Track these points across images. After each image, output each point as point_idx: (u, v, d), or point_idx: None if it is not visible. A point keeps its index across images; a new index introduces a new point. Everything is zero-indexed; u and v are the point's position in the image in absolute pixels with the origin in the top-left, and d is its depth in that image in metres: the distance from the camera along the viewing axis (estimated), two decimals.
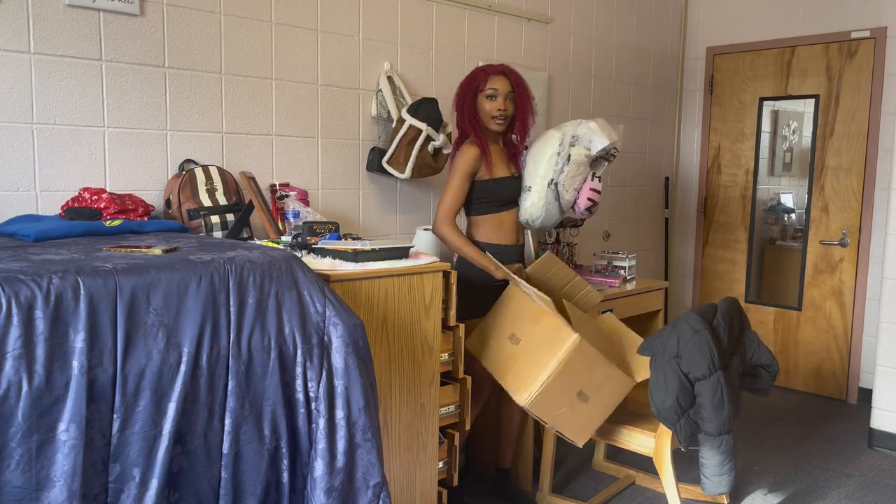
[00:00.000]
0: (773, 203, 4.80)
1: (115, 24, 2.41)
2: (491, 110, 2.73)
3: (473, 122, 2.74)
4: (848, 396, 4.40)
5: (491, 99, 2.73)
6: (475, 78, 2.75)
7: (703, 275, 5.02)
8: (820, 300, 4.48)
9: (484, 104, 2.74)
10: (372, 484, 1.73)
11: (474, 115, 2.75)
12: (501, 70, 2.76)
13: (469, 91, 2.75)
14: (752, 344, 2.82)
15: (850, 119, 4.29)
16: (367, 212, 3.20)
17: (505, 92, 2.74)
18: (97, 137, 2.42)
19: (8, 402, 1.32)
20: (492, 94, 2.73)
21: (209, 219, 2.44)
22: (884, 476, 3.35)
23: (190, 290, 1.55)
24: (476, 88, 2.74)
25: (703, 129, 4.93)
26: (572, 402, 2.43)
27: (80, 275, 1.43)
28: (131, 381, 1.45)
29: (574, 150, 2.80)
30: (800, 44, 4.45)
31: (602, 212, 4.46)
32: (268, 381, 1.64)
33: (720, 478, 2.64)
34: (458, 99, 2.79)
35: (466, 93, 2.75)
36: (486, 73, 2.74)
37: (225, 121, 2.73)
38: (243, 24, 2.73)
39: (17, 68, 2.24)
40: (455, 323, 2.46)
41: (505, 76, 2.75)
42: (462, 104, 2.76)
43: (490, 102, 2.73)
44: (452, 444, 2.53)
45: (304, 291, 1.72)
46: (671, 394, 2.50)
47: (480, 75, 2.75)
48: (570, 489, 3.15)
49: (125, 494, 1.45)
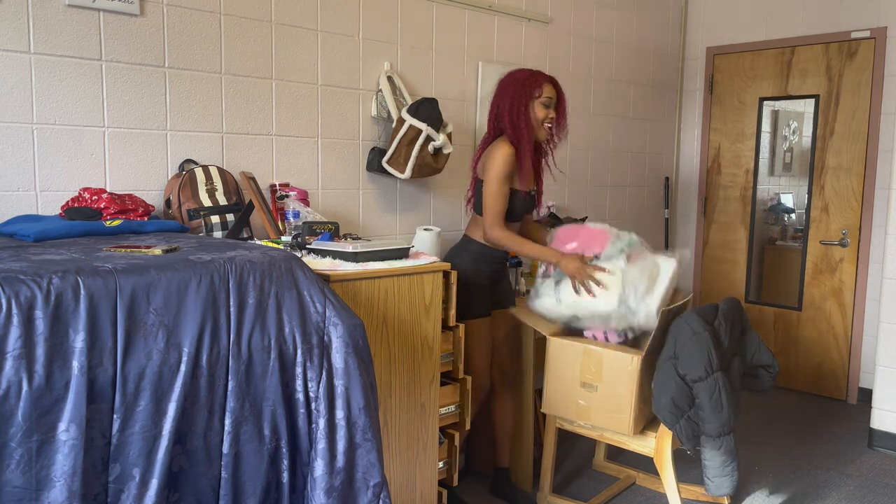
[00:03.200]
0: (773, 203, 4.80)
1: (115, 24, 2.41)
2: (545, 117, 2.69)
3: (528, 127, 2.67)
4: (848, 396, 4.40)
5: (546, 107, 2.68)
6: (531, 83, 2.68)
7: (703, 275, 5.02)
8: (820, 300, 4.48)
9: (539, 111, 2.68)
10: (372, 484, 1.73)
11: (528, 119, 2.68)
12: (551, 79, 2.73)
13: (524, 94, 2.67)
14: (753, 344, 2.82)
15: (850, 119, 4.29)
16: (367, 212, 3.20)
17: (555, 101, 2.72)
18: (97, 137, 2.41)
19: (8, 402, 1.32)
20: (547, 102, 2.68)
21: (209, 219, 2.44)
22: (884, 476, 3.35)
23: (190, 290, 1.55)
24: (532, 94, 2.67)
25: (703, 129, 4.93)
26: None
27: (80, 275, 1.43)
28: (131, 381, 1.45)
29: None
30: (800, 44, 4.45)
31: (602, 212, 4.47)
32: (268, 381, 1.64)
33: (722, 479, 2.64)
34: (509, 101, 2.68)
35: (521, 96, 2.67)
36: (542, 79, 2.69)
37: (225, 121, 2.72)
38: (243, 24, 2.73)
39: (17, 68, 2.24)
40: (455, 323, 2.46)
41: (553, 86, 2.72)
42: (515, 107, 2.66)
43: (545, 110, 2.68)
44: (452, 444, 2.53)
45: (304, 291, 1.72)
46: (666, 394, 2.51)
47: (536, 80, 2.68)
48: (570, 489, 3.14)
49: (125, 494, 1.45)
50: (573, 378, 2.70)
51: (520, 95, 2.67)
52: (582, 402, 2.70)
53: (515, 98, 2.67)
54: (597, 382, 2.65)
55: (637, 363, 2.55)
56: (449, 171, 3.39)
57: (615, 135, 4.49)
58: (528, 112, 2.67)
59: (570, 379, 2.71)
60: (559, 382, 2.75)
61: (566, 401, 2.75)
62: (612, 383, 2.61)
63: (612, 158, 4.50)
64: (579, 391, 2.70)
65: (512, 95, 2.69)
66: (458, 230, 3.55)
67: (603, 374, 2.62)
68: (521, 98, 2.66)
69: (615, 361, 2.60)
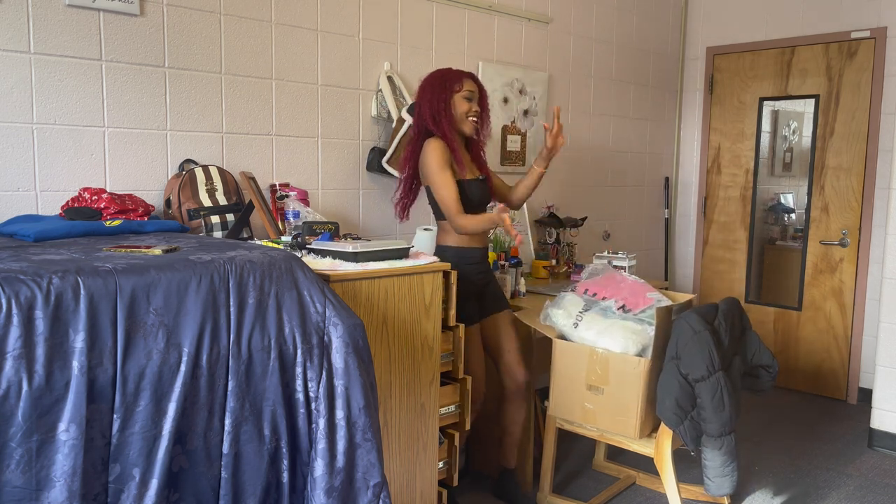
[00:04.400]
0: (773, 203, 4.80)
1: (115, 24, 2.41)
2: (468, 110, 2.70)
3: (450, 121, 2.68)
4: (848, 396, 4.40)
5: (468, 100, 2.70)
6: (450, 78, 2.70)
7: (703, 275, 5.02)
8: (820, 300, 4.48)
9: (460, 105, 2.69)
10: (372, 484, 1.73)
11: (449, 114, 2.69)
12: (470, 74, 2.75)
13: (444, 90, 2.68)
14: (753, 344, 2.82)
15: (850, 119, 4.29)
16: (367, 212, 3.20)
17: (477, 96, 2.73)
18: (97, 137, 2.41)
19: (8, 402, 1.32)
20: (469, 95, 2.69)
21: (209, 219, 2.44)
22: (884, 476, 3.35)
23: (190, 290, 1.55)
24: (451, 88, 2.69)
25: (703, 129, 4.93)
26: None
27: (80, 275, 1.43)
28: (131, 381, 1.45)
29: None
30: (800, 44, 4.45)
31: (602, 212, 4.47)
32: (268, 381, 1.64)
33: (723, 479, 2.64)
34: (429, 97, 2.69)
35: (441, 91, 2.68)
36: (461, 75, 2.72)
37: (225, 121, 2.72)
38: (243, 24, 2.73)
39: (17, 68, 2.24)
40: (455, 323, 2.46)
41: (473, 80, 2.74)
42: (436, 103, 2.68)
43: (467, 103, 2.69)
44: (452, 444, 2.53)
45: (304, 291, 1.72)
46: (670, 395, 2.50)
47: (454, 76, 2.71)
48: (570, 489, 3.14)
49: (125, 494, 1.45)
50: (579, 381, 2.69)
51: (440, 91, 2.68)
52: (588, 405, 2.69)
53: (435, 94, 2.68)
54: (603, 385, 2.65)
55: (644, 366, 2.55)
56: None
57: (615, 135, 4.49)
58: (448, 107, 2.68)
59: (576, 382, 2.70)
60: (565, 385, 2.75)
61: (572, 404, 2.74)
62: (618, 386, 2.61)
63: (613, 158, 4.50)
64: (585, 394, 2.69)
65: (431, 92, 2.69)
66: None
67: (610, 377, 2.62)
68: (440, 94, 2.68)
69: (622, 364, 2.59)
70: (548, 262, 3.73)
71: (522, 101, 3.83)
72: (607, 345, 2.61)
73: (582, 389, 2.69)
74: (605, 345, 2.62)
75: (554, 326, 2.75)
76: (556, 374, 2.76)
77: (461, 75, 2.72)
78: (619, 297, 2.77)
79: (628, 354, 2.57)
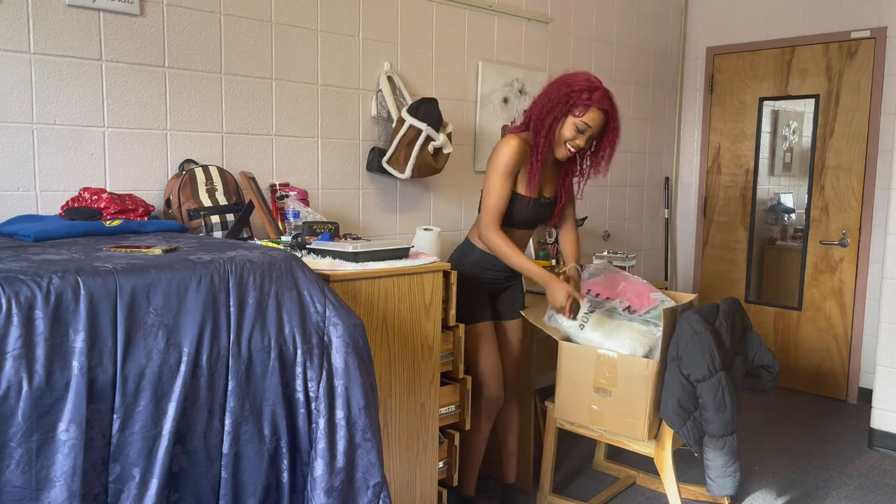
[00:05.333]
0: (773, 203, 4.80)
1: (115, 24, 2.41)
2: (570, 140, 2.47)
3: (548, 136, 2.47)
4: (848, 396, 4.40)
5: (579, 131, 2.45)
6: (577, 100, 2.42)
7: (703, 275, 5.02)
8: (820, 300, 4.48)
9: (568, 130, 2.45)
10: (372, 484, 1.73)
11: (551, 130, 2.47)
12: (606, 106, 2.44)
13: (564, 106, 2.43)
14: (754, 344, 2.82)
15: (850, 119, 4.29)
16: (367, 212, 3.20)
17: (596, 131, 2.47)
18: (97, 137, 2.41)
19: (8, 402, 1.32)
20: (582, 127, 2.44)
21: (209, 219, 2.44)
22: (884, 476, 3.35)
23: (190, 290, 1.55)
24: (570, 111, 2.43)
25: (703, 129, 4.93)
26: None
27: (80, 275, 1.43)
28: (131, 381, 1.45)
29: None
30: (800, 44, 4.45)
31: (602, 212, 4.47)
32: (268, 381, 1.64)
33: (725, 479, 2.64)
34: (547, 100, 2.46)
35: (559, 104, 2.43)
36: (590, 103, 2.42)
37: (225, 121, 2.72)
38: (243, 24, 2.73)
39: (17, 68, 2.24)
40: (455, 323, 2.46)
41: (603, 114, 2.45)
42: (548, 111, 2.45)
43: (574, 133, 2.45)
44: (452, 444, 2.53)
45: (304, 291, 1.72)
46: (673, 396, 2.50)
47: (583, 101, 2.41)
48: (570, 489, 3.14)
49: (125, 494, 1.45)
50: (586, 383, 2.68)
51: (559, 104, 2.44)
52: (595, 408, 2.68)
53: (553, 103, 2.45)
54: (611, 387, 2.63)
55: (652, 367, 2.54)
56: (449, 171, 3.39)
57: None
58: (555, 122, 2.45)
59: (583, 384, 2.69)
60: (571, 387, 2.73)
61: (579, 406, 2.72)
62: (627, 388, 2.59)
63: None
64: (593, 396, 2.68)
65: (553, 97, 2.45)
66: (458, 230, 3.55)
67: (617, 379, 2.61)
68: (557, 106, 2.43)
69: (630, 366, 2.58)
70: (548, 262, 3.73)
71: (522, 101, 3.83)
72: (615, 346, 2.61)
73: (589, 392, 2.68)
74: (612, 346, 2.61)
75: (559, 328, 2.74)
76: (563, 377, 2.75)
77: (590, 104, 2.42)
78: (624, 297, 2.77)
79: (636, 356, 2.57)
